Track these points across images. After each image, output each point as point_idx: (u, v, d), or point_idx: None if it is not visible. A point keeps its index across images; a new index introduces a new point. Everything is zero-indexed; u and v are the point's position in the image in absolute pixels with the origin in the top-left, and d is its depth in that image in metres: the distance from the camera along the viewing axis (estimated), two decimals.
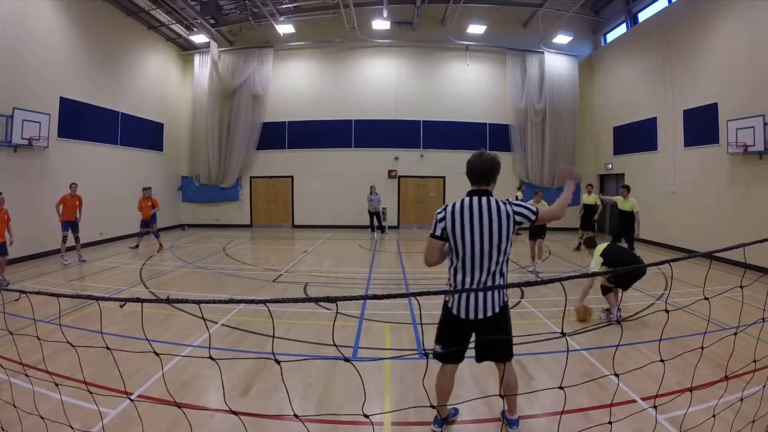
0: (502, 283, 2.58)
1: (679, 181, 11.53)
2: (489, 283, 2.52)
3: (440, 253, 2.62)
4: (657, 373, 3.35)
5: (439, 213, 2.61)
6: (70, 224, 9.13)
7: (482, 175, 2.63)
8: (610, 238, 8.93)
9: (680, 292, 6.86)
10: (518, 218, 2.56)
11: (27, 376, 2.53)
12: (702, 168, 10.65)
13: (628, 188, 9.17)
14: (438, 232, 2.58)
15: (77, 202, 9.26)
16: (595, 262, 5.34)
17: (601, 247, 5.48)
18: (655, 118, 12.53)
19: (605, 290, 5.54)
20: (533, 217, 2.59)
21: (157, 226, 11.32)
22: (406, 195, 16.41)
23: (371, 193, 14.39)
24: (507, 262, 2.60)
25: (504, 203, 2.57)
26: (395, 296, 1.77)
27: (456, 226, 2.53)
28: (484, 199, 2.57)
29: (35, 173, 9.66)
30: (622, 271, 5.50)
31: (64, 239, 9.08)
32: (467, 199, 2.60)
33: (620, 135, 14.54)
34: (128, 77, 13.15)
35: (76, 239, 9.31)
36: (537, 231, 8.74)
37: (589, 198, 11.30)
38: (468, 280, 2.54)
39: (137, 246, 11.07)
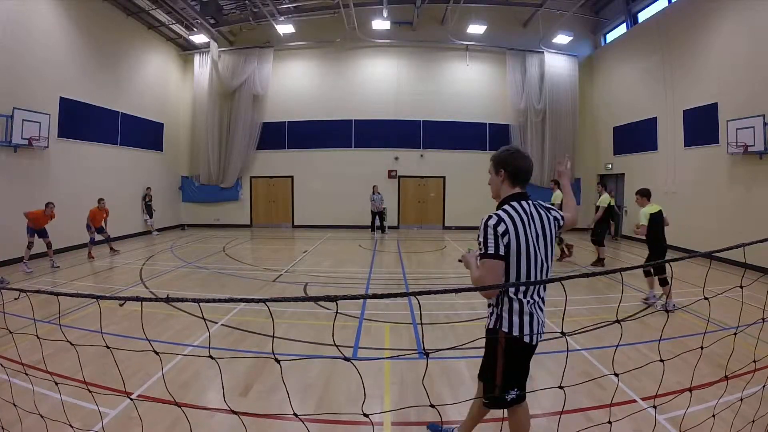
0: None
1: (679, 181, 11.53)
2: (541, 301, 2.19)
3: (501, 277, 2.06)
4: (657, 372, 3.35)
5: (497, 225, 2.05)
6: (37, 231, 8.45)
7: (529, 175, 2.27)
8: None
9: (680, 292, 6.87)
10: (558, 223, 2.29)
11: (27, 375, 2.53)
12: (702, 168, 10.65)
13: (604, 185, 9.38)
14: (502, 250, 2.03)
15: (50, 219, 8.65)
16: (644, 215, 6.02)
17: (655, 207, 6.13)
18: (655, 118, 12.53)
19: (646, 273, 6.05)
20: (562, 224, 2.32)
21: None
22: (406, 195, 16.41)
23: (374, 193, 14.40)
24: None
25: (544, 207, 2.27)
26: (395, 295, 1.78)
27: (521, 239, 2.06)
28: (532, 204, 2.21)
29: (35, 173, 9.66)
30: (623, 269, 5.51)
31: (30, 245, 8.32)
32: (520, 205, 2.16)
33: (620, 135, 14.55)
34: (128, 77, 13.15)
35: (48, 245, 8.70)
36: None
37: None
38: (531, 300, 2.11)
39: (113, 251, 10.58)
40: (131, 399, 2.96)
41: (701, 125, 10.65)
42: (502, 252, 2.03)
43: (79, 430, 2.46)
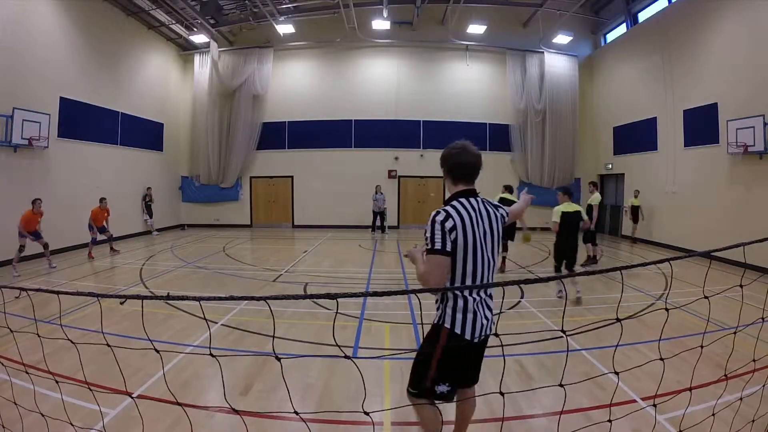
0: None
1: (679, 181, 11.53)
2: (489, 299, 2.19)
3: (447, 273, 2.04)
4: (656, 372, 3.35)
5: (445, 221, 2.03)
6: (31, 233, 8.27)
7: (476, 171, 2.22)
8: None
9: (680, 292, 6.87)
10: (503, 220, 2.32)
11: (28, 374, 2.53)
12: (702, 168, 10.65)
13: (595, 185, 9.59)
14: (449, 246, 2.01)
15: (39, 218, 8.47)
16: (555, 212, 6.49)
17: (572, 207, 6.50)
18: (655, 118, 12.53)
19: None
20: (506, 218, 2.34)
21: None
22: (405, 195, 16.42)
23: (377, 193, 14.40)
24: None
25: (492, 204, 2.28)
26: (394, 293, 1.78)
27: (468, 235, 2.04)
28: (480, 200, 2.20)
29: (35, 173, 9.66)
30: (623, 268, 5.55)
31: (21, 249, 8.08)
32: (468, 201, 2.14)
33: (620, 135, 14.55)
34: (128, 77, 13.15)
35: (44, 246, 8.47)
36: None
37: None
38: (477, 297, 2.10)
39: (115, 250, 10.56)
40: (132, 398, 2.96)
41: (701, 125, 10.66)
42: (448, 248, 2.01)
43: (80, 429, 2.47)
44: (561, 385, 1.60)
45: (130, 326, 4.93)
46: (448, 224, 2.02)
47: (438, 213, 2.07)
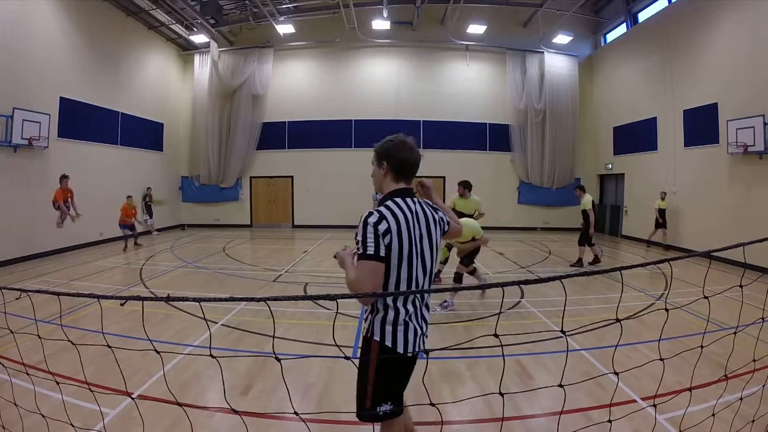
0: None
1: (679, 181, 11.53)
2: (425, 309, 2.00)
3: (380, 280, 1.83)
4: (656, 372, 3.36)
5: (378, 223, 1.82)
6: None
7: (415, 169, 2.04)
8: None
9: (680, 292, 6.87)
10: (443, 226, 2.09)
11: (28, 375, 2.53)
12: (702, 168, 10.66)
13: (582, 188, 9.28)
14: (383, 251, 1.81)
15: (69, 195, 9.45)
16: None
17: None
18: (655, 118, 12.53)
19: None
20: (446, 228, 2.14)
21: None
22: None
23: (376, 193, 14.36)
24: None
25: (430, 206, 2.09)
26: (395, 294, 1.78)
27: (403, 239, 1.85)
28: (416, 201, 2.01)
29: (35, 173, 9.66)
30: (623, 268, 5.56)
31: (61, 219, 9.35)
32: (404, 202, 1.95)
33: (620, 135, 14.55)
34: (128, 77, 13.15)
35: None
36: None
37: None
38: (410, 308, 1.90)
39: (137, 244, 11.32)
40: (132, 398, 2.96)
41: (701, 125, 10.66)
42: (382, 253, 1.80)
43: (80, 430, 2.47)
44: (561, 386, 1.60)
45: (130, 326, 4.93)
46: (382, 227, 1.81)
47: (371, 214, 1.86)
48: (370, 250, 1.80)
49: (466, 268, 6.17)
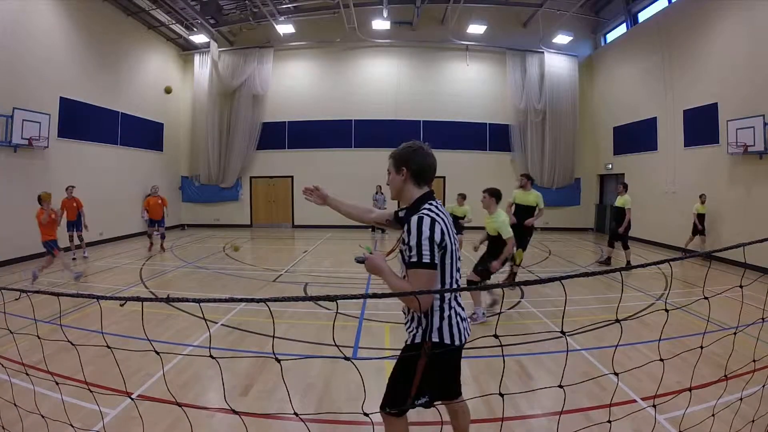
0: None
1: (679, 181, 11.53)
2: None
3: (437, 287, 1.89)
4: (656, 372, 3.36)
5: (434, 227, 1.80)
6: (71, 223, 9.44)
7: (434, 174, 2.07)
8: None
9: (680, 292, 6.87)
10: None
11: (27, 375, 2.53)
12: (702, 168, 10.65)
13: (625, 186, 9.04)
14: (437, 257, 1.81)
15: (74, 204, 9.43)
16: None
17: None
18: (655, 118, 12.53)
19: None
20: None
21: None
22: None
23: (377, 193, 14.39)
24: None
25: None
26: (395, 295, 1.78)
27: (452, 239, 1.90)
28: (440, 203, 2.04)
29: (35, 173, 9.66)
30: (623, 269, 5.53)
31: (70, 239, 9.36)
32: (437, 204, 1.97)
33: (620, 135, 14.55)
34: (128, 77, 13.15)
35: (79, 238, 9.65)
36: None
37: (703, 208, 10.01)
38: (460, 302, 2.02)
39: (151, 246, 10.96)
40: (132, 399, 2.96)
41: (701, 125, 10.66)
42: (437, 260, 1.80)
43: (80, 430, 2.47)
44: (561, 386, 1.60)
45: (130, 326, 4.93)
46: (438, 232, 1.79)
47: (423, 218, 1.81)
48: (426, 258, 1.76)
49: (477, 276, 5.36)
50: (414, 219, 1.82)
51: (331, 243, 12.81)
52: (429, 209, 1.88)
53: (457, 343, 1.93)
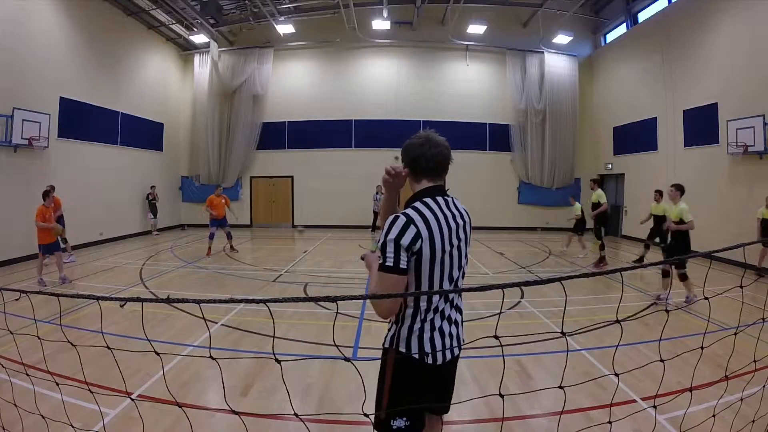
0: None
1: (679, 181, 11.49)
2: (457, 312, 1.82)
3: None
4: (657, 373, 3.36)
5: (406, 228, 1.61)
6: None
7: (444, 165, 1.85)
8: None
9: (680, 292, 6.86)
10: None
11: (27, 375, 2.53)
12: (702, 168, 10.65)
13: (661, 193, 8.81)
14: (403, 262, 1.61)
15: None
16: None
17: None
18: (655, 118, 12.53)
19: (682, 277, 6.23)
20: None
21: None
22: (405, 195, 16.28)
23: (377, 193, 14.40)
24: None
25: (460, 204, 1.91)
26: (395, 296, 1.77)
27: (436, 244, 1.66)
28: (449, 199, 1.83)
29: (35, 173, 9.65)
30: (623, 269, 5.56)
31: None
32: (435, 201, 1.76)
33: (620, 135, 14.55)
34: (128, 77, 13.15)
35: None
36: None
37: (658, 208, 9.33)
38: (438, 317, 1.74)
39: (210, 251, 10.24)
40: (132, 399, 2.96)
41: (701, 125, 10.65)
42: (403, 265, 1.60)
43: (80, 430, 2.47)
44: (561, 387, 1.59)
45: (130, 326, 4.93)
46: (408, 235, 1.60)
47: (396, 218, 1.64)
48: (389, 262, 1.60)
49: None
50: (390, 218, 1.68)
51: (331, 243, 12.80)
52: (415, 208, 1.70)
53: (429, 361, 1.71)
